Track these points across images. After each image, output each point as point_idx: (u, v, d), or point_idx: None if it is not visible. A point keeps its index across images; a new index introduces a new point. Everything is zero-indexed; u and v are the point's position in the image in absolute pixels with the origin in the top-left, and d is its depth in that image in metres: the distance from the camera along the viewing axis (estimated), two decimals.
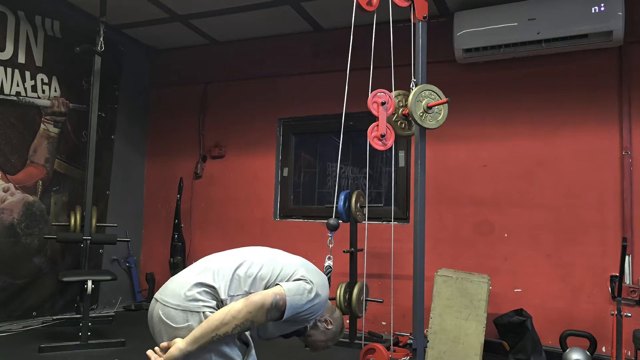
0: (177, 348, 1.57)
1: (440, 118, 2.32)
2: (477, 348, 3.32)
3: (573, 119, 4.00)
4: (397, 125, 2.42)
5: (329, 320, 1.92)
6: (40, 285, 4.42)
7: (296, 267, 1.78)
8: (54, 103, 4.55)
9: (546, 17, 3.81)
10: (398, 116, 2.42)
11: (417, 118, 2.26)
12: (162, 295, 1.70)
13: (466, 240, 4.22)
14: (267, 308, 1.61)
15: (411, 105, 2.24)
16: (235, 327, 1.58)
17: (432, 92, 2.31)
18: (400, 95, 2.42)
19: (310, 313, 1.74)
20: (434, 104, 2.28)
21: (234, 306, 1.59)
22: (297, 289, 1.68)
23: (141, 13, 4.67)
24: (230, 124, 5.31)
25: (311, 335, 1.93)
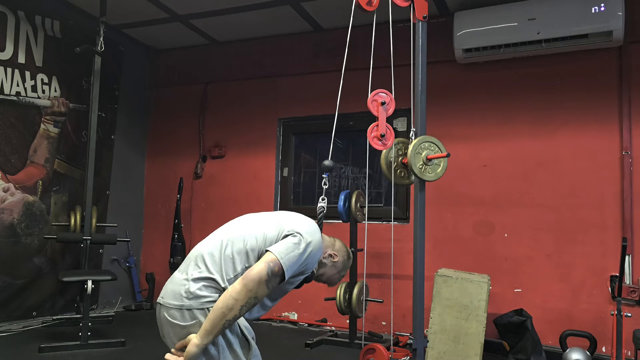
0: (193, 344, 1.56)
1: (440, 170, 2.29)
2: (477, 348, 3.31)
3: (573, 119, 4.00)
4: (396, 173, 2.40)
5: (332, 254, 1.90)
6: (40, 285, 4.42)
7: (280, 225, 1.73)
8: (54, 103, 4.54)
9: (546, 17, 3.81)
10: (398, 165, 2.40)
11: (417, 171, 2.24)
12: (163, 297, 1.69)
13: (466, 240, 4.23)
14: (266, 280, 1.58)
15: (411, 157, 2.22)
16: (242, 307, 1.56)
17: (432, 144, 2.29)
18: (400, 144, 2.41)
19: (309, 262, 1.71)
20: (433, 157, 2.26)
21: (233, 288, 1.57)
22: (287, 248, 1.64)
23: (141, 13, 4.68)
24: (230, 124, 5.31)
25: (322, 274, 1.92)
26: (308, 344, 3.82)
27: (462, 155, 4.30)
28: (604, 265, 3.79)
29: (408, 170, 2.35)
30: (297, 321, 4.72)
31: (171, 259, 4.97)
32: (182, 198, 5.16)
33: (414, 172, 2.23)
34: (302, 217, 1.81)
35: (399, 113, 4.49)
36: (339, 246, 1.94)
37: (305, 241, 1.67)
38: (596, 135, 3.92)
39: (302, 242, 1.67)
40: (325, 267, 1.90)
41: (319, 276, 1.91)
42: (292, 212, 1.88)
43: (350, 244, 3.96)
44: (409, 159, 2.23)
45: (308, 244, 1.68)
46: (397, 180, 2.39)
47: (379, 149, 2.27)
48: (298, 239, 1.67)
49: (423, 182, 2.30)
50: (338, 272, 1.95)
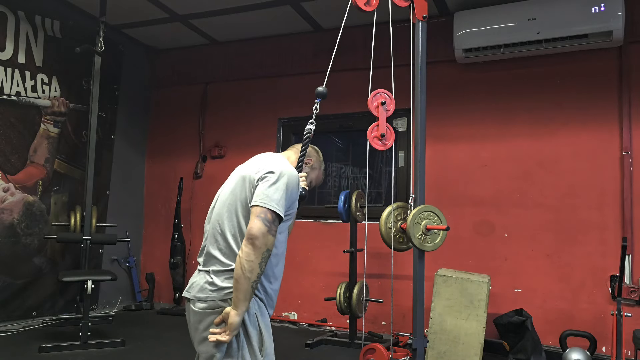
0: (234, 314, 1.58)
1: (439, 240, 2.29)
2: (477, 348, 3.31)
3: (573, 119, 4.00)
4: (395, 239, 2.39)
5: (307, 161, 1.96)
6: (40, 285, 4.42)
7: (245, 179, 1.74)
8: (54, 103, 4.55)
9: (546, 17, 3.81)
10: (396, 230, 2.39)
11: (416, 242, 2.24)
12: (190, 291, 1.74)
13: (466, 240, 4.22)
14: (266, 230, 1.59)
15: (409, 227, 2.22)
16: (260, 264, 1.59)
17: (432, 213, 2.27)
18: (399, 209, 2.40)
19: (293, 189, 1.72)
20: (433, 228, 2.24)
21: (243, 252, 1.59)
22: (266, 192, 1.64)
23: (141, 13, 4.68)
24: (230, 124, 5.31)
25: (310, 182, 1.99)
26: (308, 344, 3.82)
27: (462, 155, 4.30)
28: (604, 265, 3.79)
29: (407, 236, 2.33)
30: (297, 321, 4.73)
31: (171, 259, 4.97)
32: (182, 198, 5.16)
33: (413, 243, 2.23)
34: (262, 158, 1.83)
35: (399, 113, 4.49)
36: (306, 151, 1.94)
37: (277, 176, 1.68)
38: (596, 135, 3.92)
39: (275, 178, 1.67)
40: (308, 175, 1.96)
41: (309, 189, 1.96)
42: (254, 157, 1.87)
43: (350, 244, 3.96)
44: (408, 229, 2.22)
45: (281, 177, 1.68)
46: (396, 246, 2.39)
47: (379, 149, 2.27)
48: (270, 177, 1.68)
49: (422, 252, 2.30)
50: (319, 169, 2.04)
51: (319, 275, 4.63)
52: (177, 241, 5.03)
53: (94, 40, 4.19)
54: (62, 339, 3.68)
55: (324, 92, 1.98)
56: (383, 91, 2.28)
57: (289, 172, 1.72)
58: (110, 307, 5.08)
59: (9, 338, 3.84)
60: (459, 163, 4.31)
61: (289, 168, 1.74)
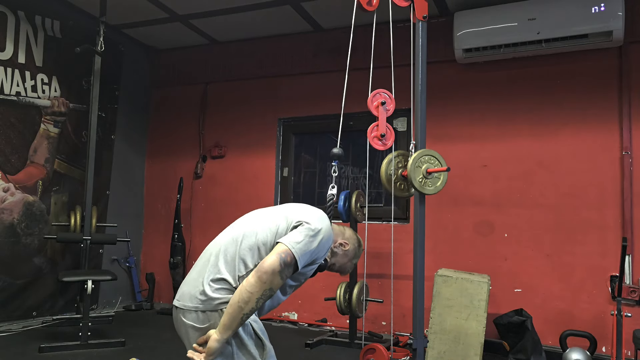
0: (214, 340, 1.57)
1: (439, 184, 2.30)
2: (477, 348, 3.32)
3: (573, 119, 4.00)
4: (396, 186, 2.39)
5: (343, 242, 1.90)
6: (40, 285, 4.42)
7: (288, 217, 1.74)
8: (54, 103, 4.55)
9: (546, 17, 3.81)
10: (397, 177, 2.40)
11: (416, 184, 2.24)
12: (179, 300, 1.71)
13: (466, 240, 4.22)
14: (279, 270, 1.59)
15: (410, 171, 2.22)
16: (258, 300, 1.57)
17: (432, 157, 2.28)
18: (399, 156, 2.40)
19: (321, 250, 1.71)
20: (433, 170, 2.26)
21: (248, 282, 1.58)
22: (298, 237, 1.65)
23: (141, 13, 4.68)
24: (230, 124, 5.31)
25: (335, 263, 1.92)
26: (308, 344, 3.82)
27: (462, 155, 4.30)
28: (604, 265, 3.79)
29: (408, 183, 2.34)
30: (297, 321, 4.73)
31: (171, 259, 4.97)
32: (182, 198, 5.16)
33: (414, 185, 2.23)
34: (310, 207, 1.82)
35: (399, 113, 4.49)
36: (349, 234, 1.95)
37: (314, 229, 1.68)
38: (596, 135, 3.92)
39: (311, 231, 1.67)
40: (337, 255, 1.90)
41: (331, 265, 1.92)
42: (300, 203, 1.88)
43: None
44: (409, 172, 2.23)
45: (318, 232, 1.68)
46: (396, 193, 2.40)
47: (379, 149, 2.28)
48: (307, 228, 1.68)
49: (423, 196, 2.30)
50: (350, 260, 1.95)
51: (318, 275, 4.62)
52: (177, 241, 5.03)
53: (94, 40, 4.19)
54: (62, 339, 3.68)
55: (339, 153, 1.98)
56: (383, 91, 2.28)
57: (326, 235, 1.72)
58: (110, 307, 5.08)
59: (9, 338, 3.84)
60: (459, 163, 4.30)
61: (329, 231, 1.74)
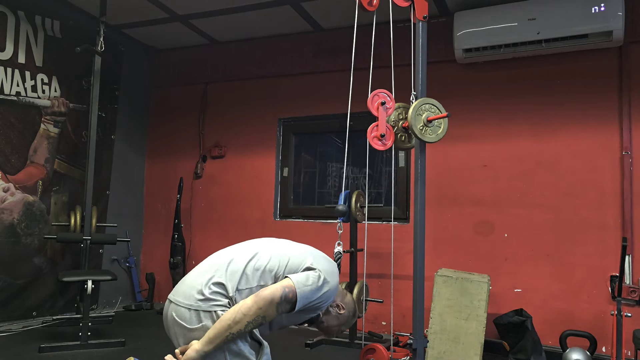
0: (193, 350, 1.59)
1: (440, 132, 2.30)
2: (477, 348, 3.32)
3: (573, 119, 4.00)
4: (397, 137, 2.40)
5: (340, 305, 1.90)
6: (40, 285, 4.42)
7: (304, 257, 1.76)
8: (54, 103, 4.55)
9: (546, 17, 3.81)
10: (398, 128, 2.40)
11: (417, 132, 2.25)
12: (174, 295, 1.72)
13: (466, 240, 4.22)
14: (277, 302, 1.61)
15: (411, 118, 2.23)
16: (248, 324, 1.59)
17: (432, 106, 2.30)
18: (400, 108, 2.41)
19: (322, 301, 1.73)
20: (434, 118, 2.27)
21: (244, 303, 1.59)
22: (306, 280, 1.67)
23: (141, 13, 4.68)
24: (230, 124, 5.31)
25: (324, 322, 1.91)
26: (308, 344, 3.82)
27: (462, 155, 4.30)
28: (604, 265, 3.79)
29: (409, 134, 2.36)
30: None
31: (171, 259, 4.97)
32: (182, 198, 5.16)
33: (415, 133, 2.24)
34: (326, 257, 1.84)
35: None
36: (348, 300, 1.95)
37: (324, 280, 1.70)
38: (596, 135, 3.92)
39: (321, 280, 1.70)
40: (329, 315, 1.89)
41: (319, 322, 1.90)
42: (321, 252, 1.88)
43: (350, 244, 3.96)
44: (409, 120, 2.24)
45: (326, 283, 1.71)
46: (398, 145, 2.39)
47: (379, 149, 2.27)
48: (318, 275, 1.70)
49: (424, 144, 2.31)
50: (339, 325, 1.93)
51: None
52: (177, 241, 5.03)
53: (94, 40, 4.19)
54: (62, 339, 3.68)
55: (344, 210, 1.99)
56: (383, 91, 2.28)
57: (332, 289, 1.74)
58: (110, 307, 5.08)
59: (9, 338, 3.84)
60: (459, 163, 4.31)
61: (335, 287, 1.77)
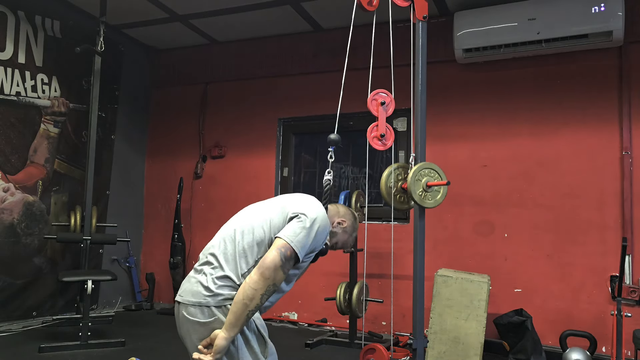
0: (221, 338, 1.58)
1: (439, 197, 2.29)
2: (477, 348, 3.32)
3: (573, 118, 4.00)
4: (396, 199, 2.39)
5: (340, 221, 1.94)
6: (40, 285, 4.42)
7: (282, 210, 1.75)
8: (54, 103, 4.55)
9: (546, 17, 3.81)
10: (397, 190, 2.40)
11: (416, 198, 2.24)
12: (182, 295, 1.71)
13: (466, 240, 4.22)
14: (280, 265, 1.60)
15: (410, 184, 2.22)
16: (262, 296, 1.59)
17: (432, 170, 2.28)
18: (399, 169, 2.40)
19: (319, 238, 1.72)
20: (433, 184, 2.25)
21: (251, 279, 1.59)
22: (295, 230, 1.66)
23: (141, 13, 4.68)
24: (230, 124, 5.31)
25: (336, 242, 1.95)
26: (308, 344, 3.82)
27: (462, 155, 4.30)
28: (604, 265, 3.79)
29: (407, 196, 2.33)
30: (297, 321, 4.72)
31: (171, 259, 4.97)
32: (182, 198, 5.16)
33: (414, 199, 2.23)
34: (303, 197, 1.84)
35: (399, 113, 4.49)
36: (343, 211, 1.98)
37: (310, 220, 1.69)
38: (596, 135, 3.92)
39: (308, 222, 1.69)
40: (337, 235, 1.94)
41: (333, 245, 1.94)
42: (294, 193, 1.90)
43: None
44: (408, 185, 2.22)
45: (314, 222, 1.70)
46: (396, 205, 2.39)
47: (379, 149, 2.27)
48: (304, 219, 1.69)
49: (423, 209, 2.29)
50: (350, 235, 1.99)
51: (319, 275, 4.63)
52: (177, 241, 5.03)
53: (94, 40, 4.19)
54: (62, 339, 3.68)
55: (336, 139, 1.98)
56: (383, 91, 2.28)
57: (323, 223, 1.73)
58: (110, 307, 5.08)
59: (9, 338, 3.84)
60: (459, 163, 4.30)
61: (324, 219, 1.75)
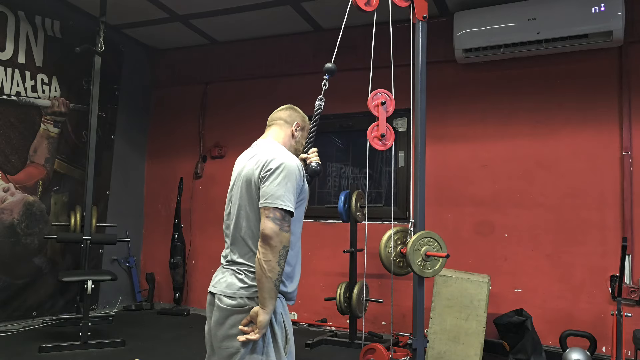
0: (262, 312, 1.60)
1: (438, 267, 2.27)
2: (477, 348, 3.32)
3: (573, 119, 4.00)
4: (395, 263, 2.38)
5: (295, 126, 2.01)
6: (40, 285, 4.42)
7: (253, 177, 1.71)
8: (54, 103, 4.55)
9: (546, 17, 3.81)
10: (396, 254, 2.38)
11: (415, 268, 2.23)
12: (216, 287, 1.74)
13: (466, 240, 4.22)
14: (279, 227, 1.61)
15: (409, 254, 2.21)
16: (279, 262, 1.60)
17: (431, 239, 2.26)
18: (398, 233, 2.39)
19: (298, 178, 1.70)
20: (433, 254, 2.23)
21: (260, 254, 1.60)
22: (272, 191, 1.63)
23: (141, 13, 4.67)
24: (230, 124, 5.31)
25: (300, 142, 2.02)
26: (308, 344, 3.82)
27: (462, 155, 4.30)
28: (604, 265, 3.79)
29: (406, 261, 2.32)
30: (297, 321, 4.72)
31: (171, 259, 4.97)
32: (182, 198, 5.16)
33: (413, 269, 2.22)
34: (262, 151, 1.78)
35: (399, 113, 4.49)
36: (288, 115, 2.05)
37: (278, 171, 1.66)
38: (596, 135, 3.92)
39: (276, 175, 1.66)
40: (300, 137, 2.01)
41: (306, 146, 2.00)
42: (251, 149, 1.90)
43: (350, 244, 3.96)
44: (407, 255, 2.21)
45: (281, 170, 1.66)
46: (395, 270, 2.38)
47: (379, 149, 2.27)
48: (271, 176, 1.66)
49: (422, 278, 2.29)
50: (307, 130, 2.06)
51: (319, 275, 4.63)
52: (177, 241, 5.03)
53: (94, 40, 4.20)
54: (62, 339, 3.68)
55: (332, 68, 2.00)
56: (383, 91, 2.28)
57: (287, 162, 1.69)
58: (110, 307, 5.08)
59: (9, 338, 3.84)
60: (459, 163, 4.31)
61: (286, 157, 1.71)
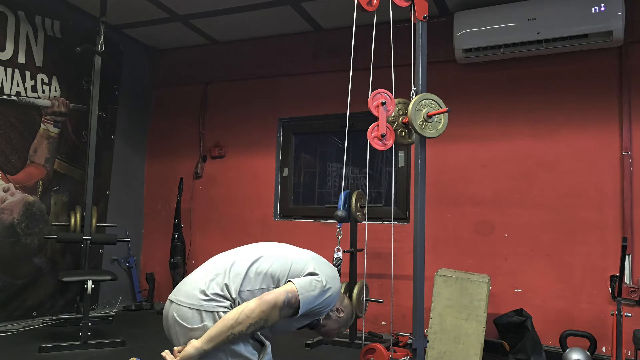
0: (193, 346, 1.60)
1: (440, 127, 2.31)
2: (477, 348, 3.32)
3: (573, 119, 4.00)
4: (397, 133, 2.41)
5: (340, 309, 1.94)
6: (40, 285, 4.42)
7: (306, 262, 1.79)
8: (54, 103, 4.54)
9: (546, 17, 3.81)
10: (398, 124, 2.41)
11: (417, 127, 2.25)
12: (176, 295, 1.72)
13: (466, 240, 4.22)
14: (280, 306, 1.62)
15: (411, 114, 2.23)
16: (250, 325, 1.60)
17: (432, 101, 2.30)
18: (400, 104, 2.42)
19: (324, 306, 1.75)
20: (433, 113, 2.27)
21: (247, 305, 1.61)
22: (309, 285, 1.69)
23: (141, 13, 4.68)
24: (230, 124, 5.31)
25: (325, 325, 1.94)
26: (308, 344, 3.82)
27: (462, 155, 4.30)
28: (604, 265, 3.79)
29: (409, 130, 2.36)
30: None
31: (171, 259, 4.97)
32: (182, 198, 5.16)
33: (415, 128, 2.24)
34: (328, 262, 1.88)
35: None
36: (347, 303, 1.99)
37: (326, 285, 1.73)
38: (596, 135, 3.92)
39: (323, 285, 1.72)
40: (330, 319, 1.93)
41: (320, 326, 1.93)
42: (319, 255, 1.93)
43: (350, 244, 3.96)
44: (409, 116, 2.24)
45: (328, 289, 1.73)
46: (398, 140, 2.40)
47: (379, 149, 2.27)
48: (320, 280, 1.72)
49: (424, 140, 2.31)
50: (339, 327, 1.97)
51: None
52: (177, 241, 5.03)
53: (94, 40, 4.19)
54: (62, 339, 3.68)
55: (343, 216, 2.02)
56: (383, 91, 2.28)
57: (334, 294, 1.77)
58: (110, 307, 5.08)
59: (9, 338, 3.84)
60: (459, 163, 4.31)
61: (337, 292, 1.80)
